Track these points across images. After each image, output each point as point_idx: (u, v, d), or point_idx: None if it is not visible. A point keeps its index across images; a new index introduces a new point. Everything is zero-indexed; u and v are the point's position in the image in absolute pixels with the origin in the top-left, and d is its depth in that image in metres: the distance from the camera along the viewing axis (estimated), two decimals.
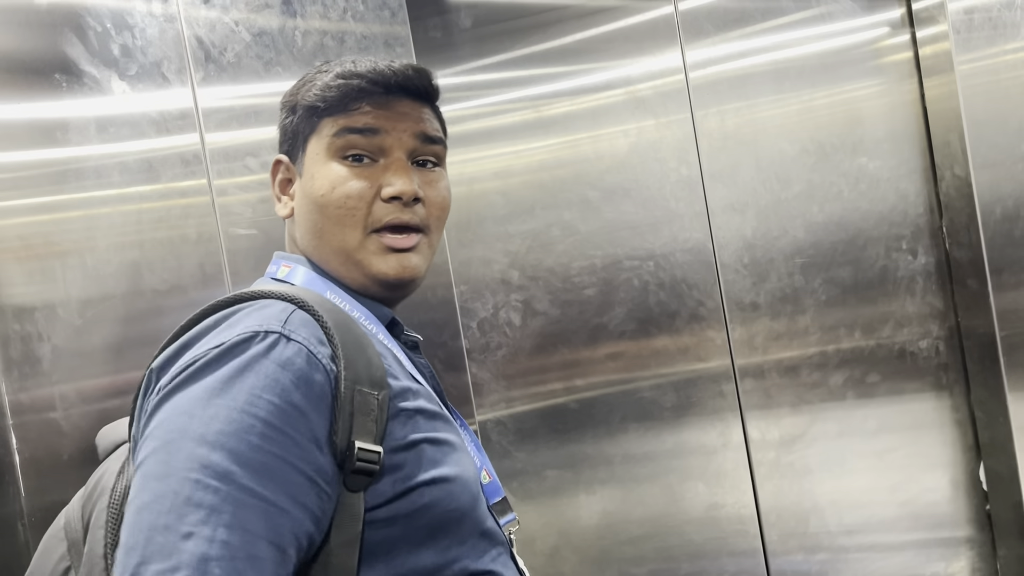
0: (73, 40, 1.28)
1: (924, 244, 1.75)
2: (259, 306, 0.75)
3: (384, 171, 0.86)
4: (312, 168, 0.88)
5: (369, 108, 0.86)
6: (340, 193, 0.85)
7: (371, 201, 0.85)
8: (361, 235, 0.85)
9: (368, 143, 0.86)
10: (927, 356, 1.75)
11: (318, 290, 0.85)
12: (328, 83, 0.87)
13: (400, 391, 0.78)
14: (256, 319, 0.73)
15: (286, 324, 0.72)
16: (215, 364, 0.69)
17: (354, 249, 0.86)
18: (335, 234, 0.86)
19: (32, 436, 1.25)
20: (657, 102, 1.66)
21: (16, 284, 1.26)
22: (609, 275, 1.62)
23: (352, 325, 0.77)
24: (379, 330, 0.86)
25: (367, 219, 0.85)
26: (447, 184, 0.94)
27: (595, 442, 1.61)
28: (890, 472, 1.73)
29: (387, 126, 0.87)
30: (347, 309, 0.84)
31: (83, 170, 1.28)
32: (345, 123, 0.86)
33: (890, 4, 1.76)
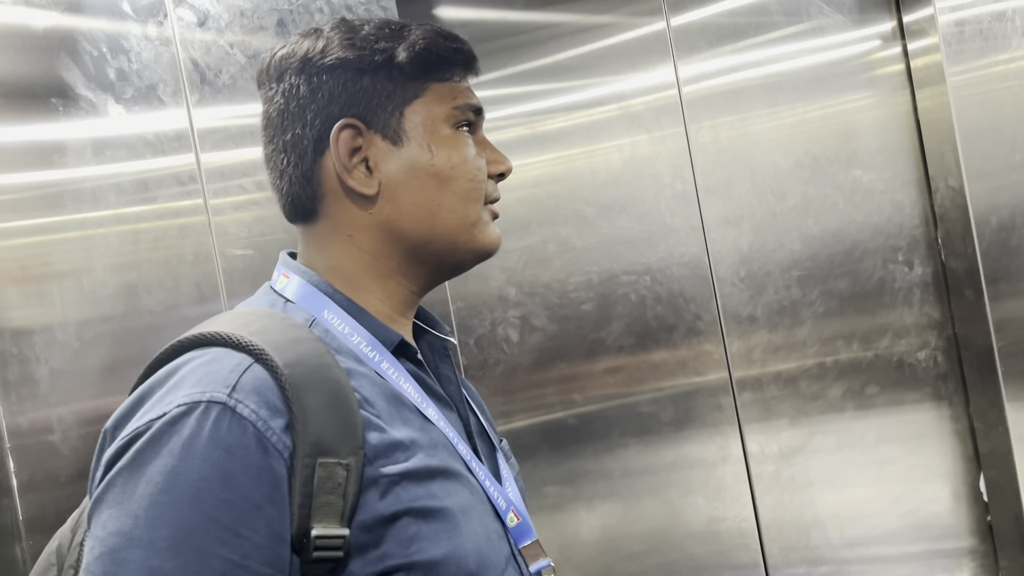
0: (70, 64, 1.29)
1: (920, 255, 1.75)
2: (209, 358, 0.65)
3: (483, 146, 0.82)
4: (426, 138, 0.78)
5: (466, 84, 0.82)
6: (473, 166, 0.79)
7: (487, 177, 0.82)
8: (481, 207, 0.80)
9: (476, 119, 0.82)
10: (925, 367, 1.75)
11: (312, 308, 0.76)
12: (440, 41, 0.79)
13: (384, 449, 0.67)
14: (201, 380, 0.63)
15: (235, 390, 0.62)
16: (154, 447, 0.61)
17: (474, 223, 0.79)
18: (458, 209, 0.78)
19: (30, 458, 1.25)
20: (651, 117, 1.66)
21: (14, 307, 1.27)
22: (606, 290, 1.62)
23: (327, 372, 0.67)
24: (383, 357, 0.75)
25: (483, 191, 0.81)
26: None
27: (594, 457, 1.61)
28: (891, 484, 1.72)
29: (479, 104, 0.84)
30: (344, 333, 0.75)
31: (80, 191, 1.29)
32: (464, 99, 0.80)
33: (881, 17, 1.77)
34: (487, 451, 0.86)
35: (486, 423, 0.89)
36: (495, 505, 0.77)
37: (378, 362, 0.75)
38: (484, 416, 0.92)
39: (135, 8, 1.32)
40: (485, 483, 0.77)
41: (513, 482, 0.85)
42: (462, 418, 0.83)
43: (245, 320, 0.70)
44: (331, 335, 0.74)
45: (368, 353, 0.75)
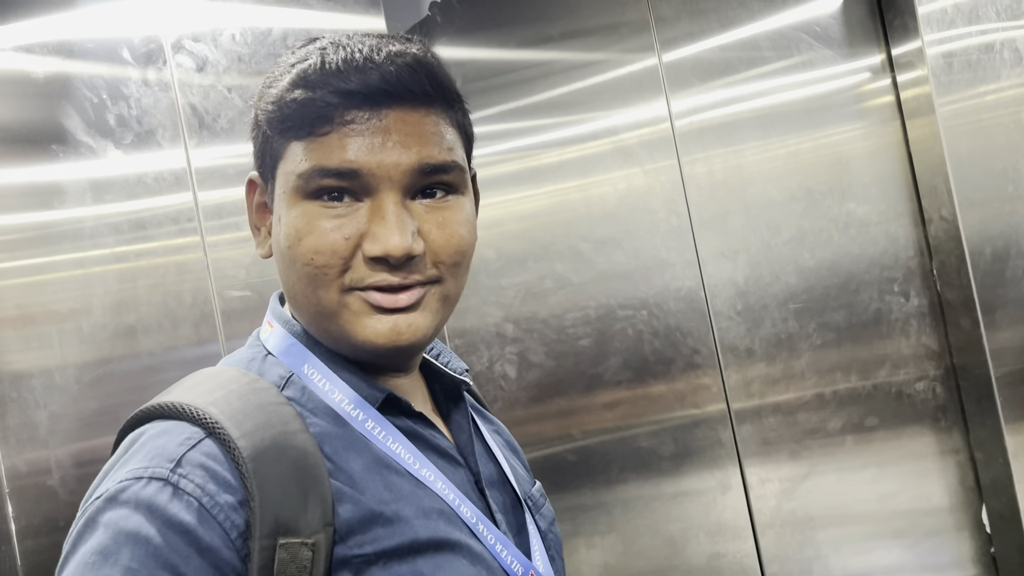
0: (70, 111, 1.31)
1: (916, 286, 1.76)
2: (160, 431, 0.61)
3: (370, 216, 0.64)
4: (280, 208, 0.67)
5: (344, 131, 0.64)
6: (307, 247, 0.64)
7: (349, 256, 0.64)
8: (337, 294, 0.65)
9: (348, 184, 0.64)
10: (924, 398, 1.75)
11: (292, 362, 0.69)
12: (284, 94, 0.65)
13: (359, 524, 0.61)
14: (147, 455, 0.59)
15: (180, 465, 0.57)
16: (91, 526, 0.57)
17: (332, 312, 0.66)
18: (307, 295, 0.66)
19: (28, 503, 1.25)
20: (644, 151, 1.68)
21: (13, 350, 1.27)
22: (603, 325, 1.63)
23: (292, 438, 0.61)
24: (367, 416, 0.68)
25: (343, 276, 0.65)
26: (467, 216, 0.70)
27: (593, 492, 1.60)
28: (892, 516, 1.71)
29: (371, 161, 0.64)
30: (325, 390, 0.68)
31: (80, 231, 1.30)
32: (315, 159, 0.64)
33: (870, 50, 1.80)
34: (508, 503, 0.76)
35: (510, 468, 0.79)
36: (508, 571, 0.69)
37: (362, 421, 0.67)
38: (513, 458, 0.83)
39: (135, 55, 1.34)
40: (495, 547, 0.69)
41: (540, 537, 0.76)
42: (473, 472, 0.74)
43: (209, 386, 0.65)
44: (308, 394, 0.67)
45: (351, 412, 0.67)
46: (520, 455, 0.87)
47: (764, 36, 1.75)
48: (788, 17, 1.76)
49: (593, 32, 1.68)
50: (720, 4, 1.74)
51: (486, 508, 0.72)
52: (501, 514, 0.73)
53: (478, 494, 0.73)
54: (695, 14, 1.72)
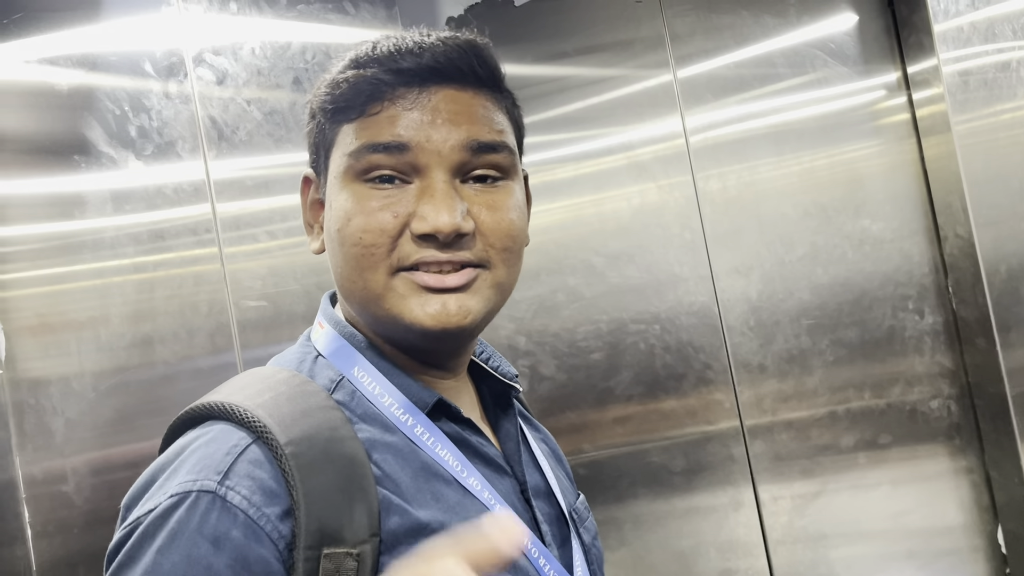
0: (92, 123, 1.33)
1: (931, 304, 1.75)
2: (209, 438, 0.60)
3: (419, 196, 0.64)
4: (332, 194, 0.68)
5: (395, 109, 0.64)
6: (356, 226, 0.64)
7: (396, 235, 0.64)
8: (385, 276, 0.65)
9: (397, 161, 0.64)
10: (939, 416, 1.73)
11: (342, 365, 0.68)
12: (337, 77, 0.67)
13: (405, 534, 0.60)
14: (196, 465, 0.59)
15: (227, 476, 0.57)
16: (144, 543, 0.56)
17: (380, 294, 0.65)
18: (354, 280, 0.66)
19: (44, 509, 1.26)
20: (659, 167, 1.69)
21: (32, 358, 1.29)
22: (615, 339, 1.63)
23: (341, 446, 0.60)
24: (417, 421, 0.67)
25: (391, 256, 0.64)
26: (518, 202, 0.69)
27: (604, 507, 1.60)
28: (906, 536, 1.70)
29: (420, 136, 0.64)
30: (375, 394, 0.67)
31: (100, 241, 1.32)
32: (366, 136, 0.64)
33: (885, 68, 1.80)
34: (553, 515, 0.74)
35: (555, 478, 0.77)
36: None
37: (411, 427, 0.66)
38: (558, 469, 0.82)
39: (156, 68, 1.36)
40: (539, 561, 0.68)
41: (583, 552, 0.74)
42: (519, 481, 0.72)
43: (260, 387, 0.64)
44: (358, 397, 0.67)
45: (400, 417, 0.66)
46: (565, 466, 0.86)
47: (779, 53, 1.75)
48: (803, 34, 1.77)
49: (608, 48, 1.69)
50: (735, 21, 1.74)
51: (532, 519, 0.71)
52: (547, 525, 0.72)
53: (524, 504, 0.71)
54: (710, 31, 1.73)
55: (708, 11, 1.74)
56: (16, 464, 1.26)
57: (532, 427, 0.84)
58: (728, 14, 1.75)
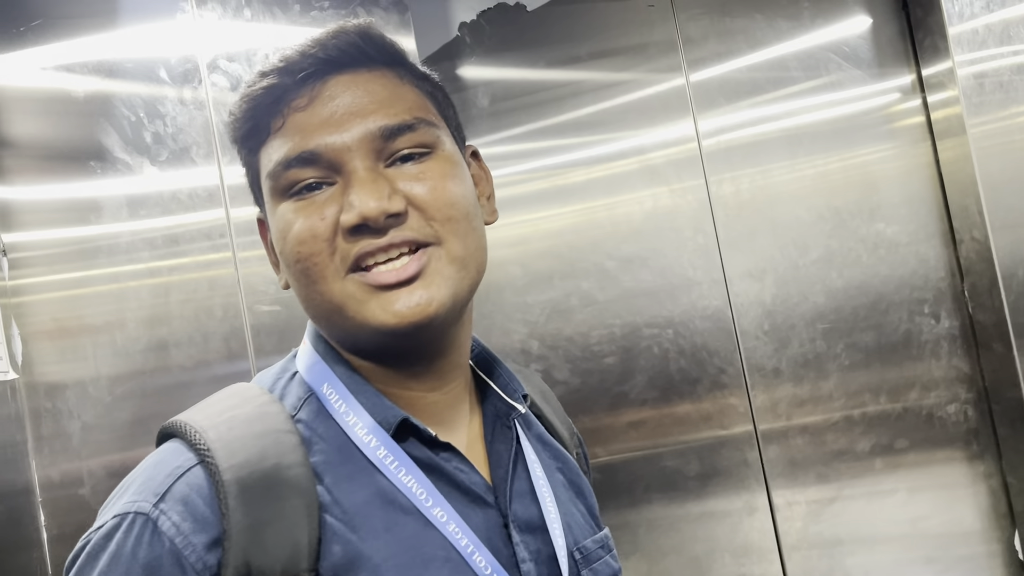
0: (108, 129, 1.35)
1: (947, 308, 1.73)
2: (158, 459, 0.61)
3: (344, 191, 0.62)
4: (270, 221, 0.66)
5: (296, 116, 0.62)
6: (292, 241, 0.62)
7: (331, 237, 0.61)
8: (337, 282, 0.62)
9: (313, 168, 0.62)
10: (956, 421, 1.72)
11: (314, 381, 0.66)
12: (238, 102, 0.66)
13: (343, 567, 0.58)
14: (140, 485, 0.59)
15: (163, 499, 0.57)
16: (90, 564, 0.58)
17: (339, 305, 0.62)
18: (312, 297, 0.64)
19: (60, 512, 1.27)
20: (671, 170, 1.69)
21: (48, 362, 1.30)
22: (628, 343, 1.62)
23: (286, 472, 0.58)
24: (380, 443, 0.63)
25: (334, 260, 0.62)
26: (451, 171, 0.65)
27: (618, 512, 1.59)
28: (923, 541, 1.68)
29: (327, 137, 0.61)
30: (340, 411, 0.64)
31: (116, 246, 1.33)
32: (278, 154, 0.63)
33: (900, 71, 1.79)
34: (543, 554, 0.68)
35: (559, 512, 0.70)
36: None
37: (374, 448, 0.62)
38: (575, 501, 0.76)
39: (171, 75, 1.37)
40: None
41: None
42: (503, 514, 0.67)
43: (222, 406, 0.64)
44: (323, 417, 0.65)
45: (363, 438, 0.63)
46: (587, 499, 0.79)
47: (792, 56, 1.75)
48: (816, 38, 1.76)
49: (621, 52, 1.69)
50: (748, 24, 1.74)
51: (511, 556, 0.65)
52: (531, 564, 0.66)
53: (505, 539, 0.66)
54: (723, 35, 1.73)
55: (721, 15, 1.73)
56: (33, 468, 1.27)
57: (550, 454, 0.77)
58: (741, 18, 1.74)
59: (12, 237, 1.30)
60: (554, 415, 0.85)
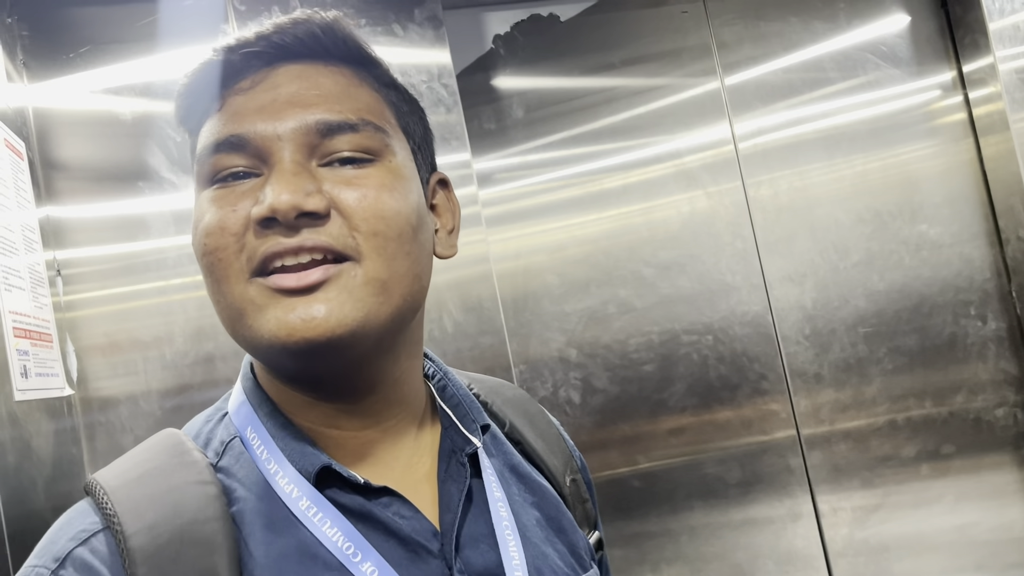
0: (154, 150, 1.38)
1: (994, 309, 1.70)
2: (66, 519, 0.57)
3: (264, 182, 0.56)
4: None
5: (236, 100, 0.57)
6: (200, 233, 0.57)
7: (241, 232, 0.55)
8: (241, 284, 0.55)
9: (240, 156, 0.56)
10: (1004, 425, 1.68)
11: (240, 425, 0.61)
12: (182, 78, 0.60)
13: None
14: (44, 548, 0.56)
15: (63, 565, 0.53)
16: None
17: (240, 311, 0.55)
18: (217, 299, 0.58)
19: None
20: (708, 174, 1.68)
21: (101, 377, 1.34)
22: (667, 350, 1.62)
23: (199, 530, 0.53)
24: (302, 493, 0.57)
25: (240, 258, 0.55)
26: (392, 183, 0.58)
27: (659, 519, 1.59)
28: (972, 548, 1.65)
29: (259, 124, 0.56)
30: (262, 458, 0.59)
31: (163, 260, 1.37)
32: (209, 137, 0.57)
33: (940, 69, 1.76)
34: None
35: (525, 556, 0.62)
36: None
37: (296, 499, 0.56)
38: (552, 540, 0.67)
39: None
40: None
41: None
42: (448, 565, 0.59)
43: (138, 459, 0.59)
44: (245, 461, 0.59)
45: (285, 488, 0.57)
46: (569, 535, 0.69)
47: (828, 57, 1.73)
48: (853, 37, 1.74)
49: (654, 58, 1.69)
50: (783, 28, 1.73)
51: None
52: None
53: None
54: (757, 38, 1.72)
55: (756, 19, 1.72)
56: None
57: (526, 487, 0.69)
58: (776, 21, 1.73)
59: (66, 254, 1.34)
60: (538, 440, 0.75)
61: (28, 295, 1.17)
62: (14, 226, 1.16)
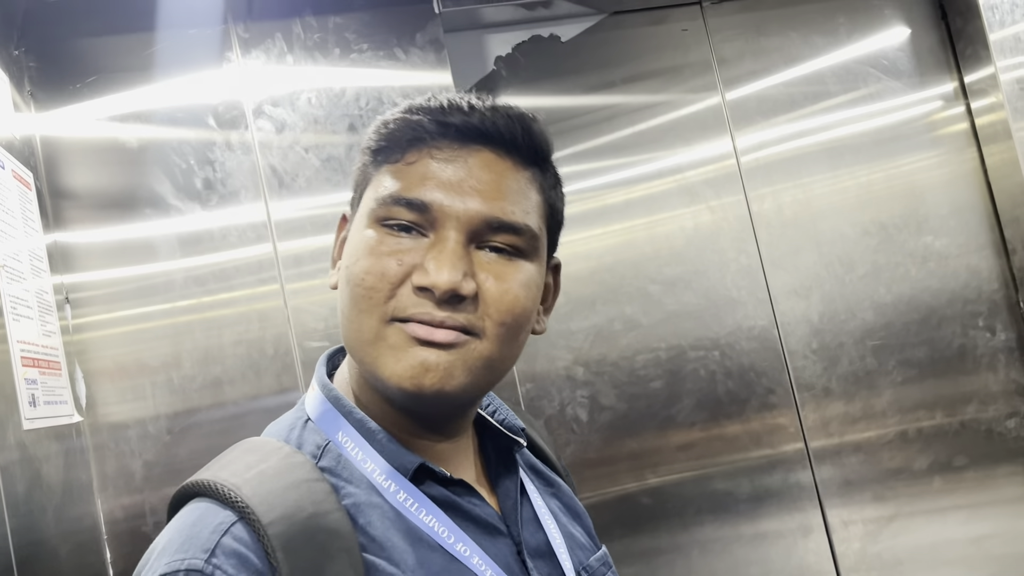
0: (161, 177, 1.40)
1: (1002, 320, 1.69)
2: (194, 518, 0.61)
3: (428, 250, 0.64)
4: (353, 231, 0.69)
5: (430, 163, 0.65)
6: (361, 267, 0.64)
7: (397, 284, 0.63)
8: (378, 322, 0.64)
9: (416, 216, 0.64)
10: (1016, 436, 1.67)
11: (328, 429, 0.69)
12: (387, 118, 0.69)
13: None
14: (183, 544, 0.59)
15: (214, 554, 0.57)
16: None
17: (369, 341, 0.64)
18: (352, 321, 0.65)
19: (125, 547, 1.31)
20: (710, 190, 1.68)
21: (110, 403, 1.34)
22: (675, 366, 1.62)
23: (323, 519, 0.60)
24: (400, 487, 0.66)
25: (387, 304, 0.64)
26: (530, 281, 0.67)
27: (670, 535, 1.58)
28: (987, 561, 1.63)
29: (444, 197, 0.64)
30: (358, 459, 0.67)
31: (171, 283, 1.38)
32: (396, 187, 0.65)
33: (941, 80, 1.76)
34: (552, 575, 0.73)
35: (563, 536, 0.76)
36: None
37: (394, 493, 0.65)
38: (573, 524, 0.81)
39: (219, 121, 1.42)
40: None
41: None
42: (516, 542, 0.70)
43: (246, 462, 0.65)
44: (344, 462, 0.67)
45: (383, 483, 0.65)
46: (583, 519, 0.83)
47: (829, 71, 1.74)
48: (853, 51, 1.74)
49: (655, 75, 1.70)
50: (783, 43, 1.73)
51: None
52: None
53: (520, 566, 0.69)
54: (758, 53, 1.73)
55: (756, 34, 1.73)
56: (98, 505, 1.31)
57: (544, 481, 0.82)
58: (776, 36, 1.74)
59: (74, 278, 1.36)
60: (544, 443, 0.87)
61: (36, 323, 1.18)
62: (21, 255, 1.17)
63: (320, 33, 1.47)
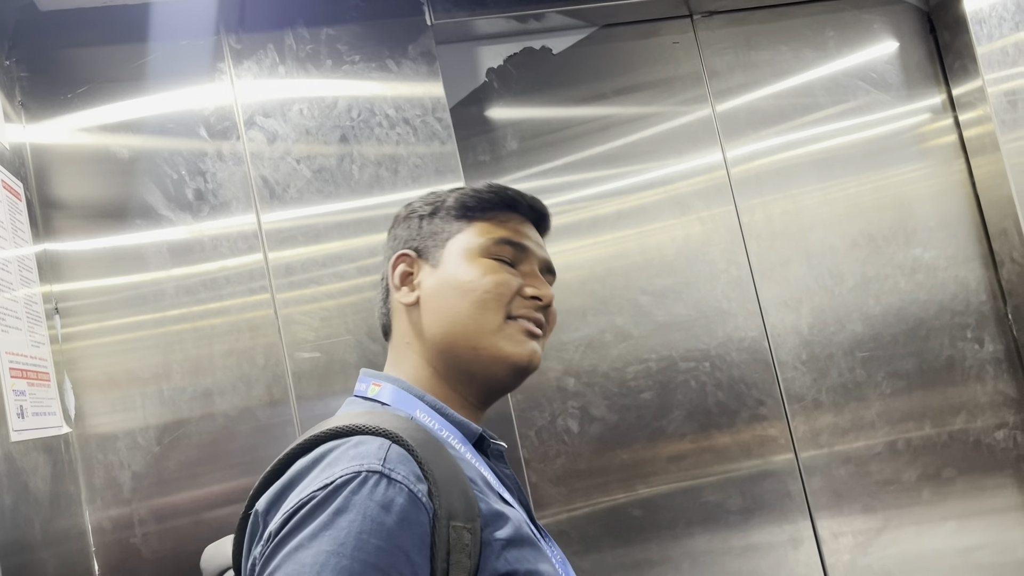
0: (152, 188, 1.39)
1: (990, 332, 1.70)
2: (355, 442, 0.77)
3: (525, 276, 0.96)
4: (457, 260, 0.95)
5: (517, 225, 0.98)
6: (493, 280, 0.92)
7: (514, 294, 0.93)
8: (501, 319, 0.92)
9: (515, 254, 0.96)
10: (1004, 447, 1.68)
11: (407, 409, 0.90)
12: (483, 189, 0.98)
13: (491, 518, 0.79)
14: (355, 458, 0.74)
15: (385, 462, 0.74)
16: (320, 508, 0.71)
17: (494, 331, 0.91)
18: (474, 315, 0.91)
19: (113, 558, 1.31)
20: (700, 201, 1.69)
21: (99, 413, 1.34)
22: (665, 378, 1.62)
23: (443, 452, 0.79)
24: (467, 449, 0.88)
25: (508, 306, 0.92)
26: None
27: (660, 547, 1.58)
28: (976, 571, 1.64)
29: (533, 245, 0.98)
30: (436, 429, 0.88)
31: (161, 292, 1.37)
32: (503, 233, 0.96)
33: (929, 93, 1.78)
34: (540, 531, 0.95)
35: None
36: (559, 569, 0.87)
37: (463, 453, 0.87)
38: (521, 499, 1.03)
39: (211, 132, 1.42)
40: (556, 559, 0.88)
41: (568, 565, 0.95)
42: (524, 507, 0.93)
43: (367, 417, 0.81)
44: (425, 432, 0.83)
45: (455, 445, 0.87)
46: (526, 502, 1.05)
47: (819, 84, 1.75)
48: (842, 64, 1.76)
49: (646, 87, 1.71)
50: (773, 56, 1.75)
51: (537, 532, 0.90)
52: (542, 539, 0.91)
53: (532, 526, 0.89)
54: (748, 66, 1.74)
55: (746, 48, 1.74)
56: (86, 516, 1.31)
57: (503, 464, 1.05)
58: (766, 50, 1.75)
59: (63, 288, 1.35)
60: None
61: (25, 334, 1.17)
62: (10, 264, 1.17)
63: (312, 44, 1.47)
